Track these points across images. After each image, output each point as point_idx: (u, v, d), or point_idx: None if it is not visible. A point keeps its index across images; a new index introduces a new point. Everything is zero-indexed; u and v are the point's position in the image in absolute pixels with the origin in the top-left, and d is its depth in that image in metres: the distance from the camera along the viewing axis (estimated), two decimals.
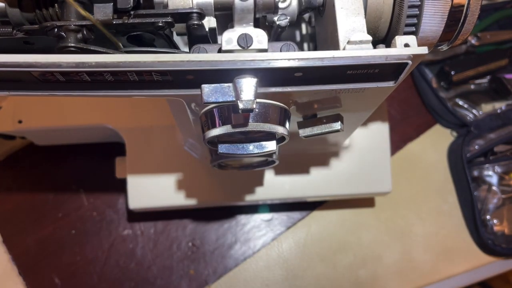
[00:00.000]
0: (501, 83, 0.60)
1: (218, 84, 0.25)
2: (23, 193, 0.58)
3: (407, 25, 0.28)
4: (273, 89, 0.27)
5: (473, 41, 0.61)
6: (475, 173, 0.58)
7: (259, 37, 0.26)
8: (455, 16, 0.28)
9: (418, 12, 0.28)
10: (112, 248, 0.56)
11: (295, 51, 0.27)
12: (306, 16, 0.38)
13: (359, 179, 0.52)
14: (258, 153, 0.31)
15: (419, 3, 0.28)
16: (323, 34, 0.31)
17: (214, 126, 0.29)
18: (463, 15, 0.28)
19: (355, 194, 0.54)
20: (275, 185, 0.51)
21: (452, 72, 0.59)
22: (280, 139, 0.32)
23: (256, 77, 0.25)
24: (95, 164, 0.59)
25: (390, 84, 0.27)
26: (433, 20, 0.28)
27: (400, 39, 0.25)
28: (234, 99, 0.25)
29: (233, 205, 0.57)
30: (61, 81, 0.25)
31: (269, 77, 0.26)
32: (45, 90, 0.26)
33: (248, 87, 0.25)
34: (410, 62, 0.24)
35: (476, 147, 0.59)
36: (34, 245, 0.56)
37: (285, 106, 0.30)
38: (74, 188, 0.58)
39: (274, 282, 0.56)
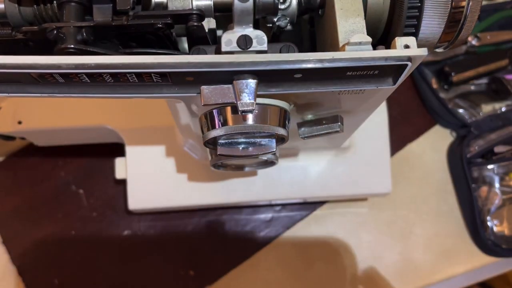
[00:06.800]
0: (501, 83, 0.60)
1: (217, 86, 0.25)
2: (23, 193, 0.58)
3: (407, 26, 0.28)
4: (272, 90, 0.27)
5: (473, 41, 0.61)
6: (475, 173, 0.58)
7: (259, 38, 0.26)
8: (455, 17, 0.28)
9: (418, 13, 0.28)
10: (112, 248, 0.56)
11: (294, 52, 0.27)
12: (306, 17, 0.38)
13: (359, 180, 0.52)
14: (257, 154, 0.31)
15: (419, 4, 0.27)
16: (322, 35, 0.31)
17: (213, 127, 0.29)
18: (463, 16, 0.28)
19: (355, 195, 0.54)
20: (275, 186, 0.51)
21: (452, 73, 0.59)
22: (279, 140, 0.32)
23: (256, 79, 0.25)
24: (95, 164, 0.59)
25: (390, 85, 0.27)
26: (433, 21, 0.28)
27: (400, 40, 0.25)
28: (233, 100, 0.25)
29: (233, 205, 0.57)
30: (61, 82, 0.25)
31: (269, 78, 0.25)
32: (44, 91, 0.26)
33: (247, 88, 0.25)
34: (410, 63, 0.24)
35: (476, 147, 0.59)
36: (34, 245, 0.56)
37: (284, 107, 0.30)
38: (74, 188, 0.58)
39: (274, 282, 0.56)
